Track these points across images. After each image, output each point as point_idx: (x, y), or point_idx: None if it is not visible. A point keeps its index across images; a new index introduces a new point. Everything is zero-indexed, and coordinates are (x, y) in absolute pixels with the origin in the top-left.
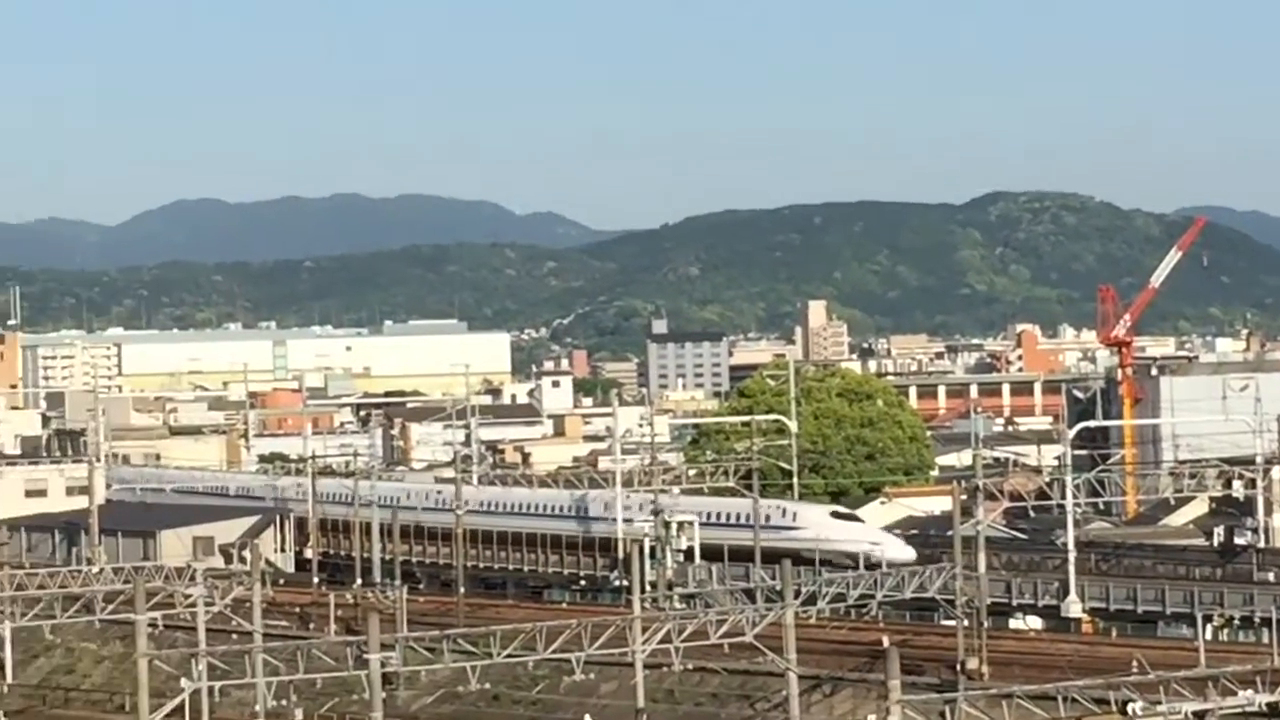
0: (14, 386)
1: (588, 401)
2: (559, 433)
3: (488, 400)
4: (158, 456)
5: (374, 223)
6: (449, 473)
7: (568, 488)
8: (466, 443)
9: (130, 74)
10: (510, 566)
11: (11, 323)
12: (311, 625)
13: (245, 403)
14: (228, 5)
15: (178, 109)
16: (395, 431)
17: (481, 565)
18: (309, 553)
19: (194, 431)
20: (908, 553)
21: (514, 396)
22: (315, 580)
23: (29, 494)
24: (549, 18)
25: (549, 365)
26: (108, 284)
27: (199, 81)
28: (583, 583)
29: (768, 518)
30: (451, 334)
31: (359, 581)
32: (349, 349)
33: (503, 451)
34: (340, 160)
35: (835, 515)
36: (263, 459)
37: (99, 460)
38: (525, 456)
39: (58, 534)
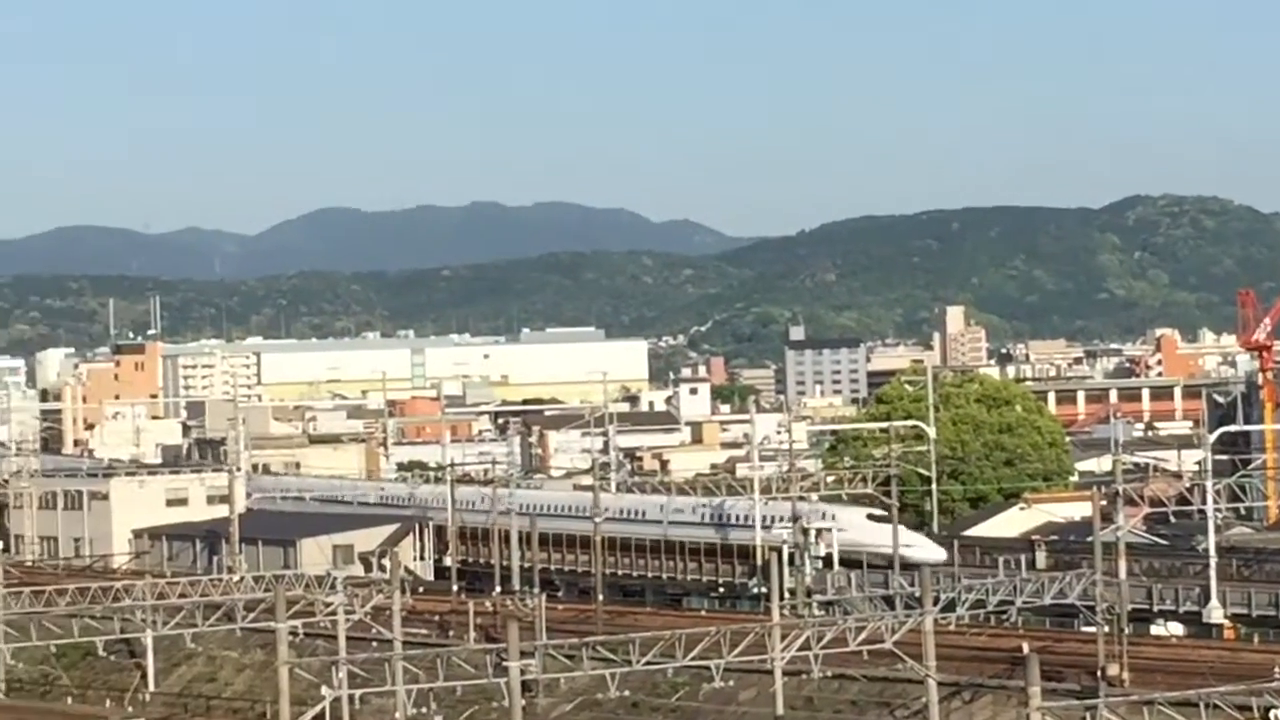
0: (154, 396)
1: (725, 408)
2: (696, 440)
3: (625, 407)
4: (297, 465)
5: (511, 231)
6: (587, 480)
7: (705, 495)
8: (604, 450)
9: (268, 85)
10: (649, 574)
11: (152, 333)
12: (451, 633)
13: (384, 411)
14: (362, 16)
15: (316, 119)
16: (533, 439)
17: (620, 573)
18: (448, 560)
19: (333, 440)
20: (937, 553)
21: (652, 404)
22: (454, 588)
23: (170, 503)
24: (685, 25)
25: (686, 372)
26: (247, 294)
27: (336, 92)
28: (721, 590)
29: (809, 520)
30: (589, 341)
31: (498, 589)
32: (487, 357)
33: (640, 459)
34: (477, 169)
35: (871, 518)
36: (401, 467)
37: (239, 469)
38: (663, 464)
39: (199, 543)
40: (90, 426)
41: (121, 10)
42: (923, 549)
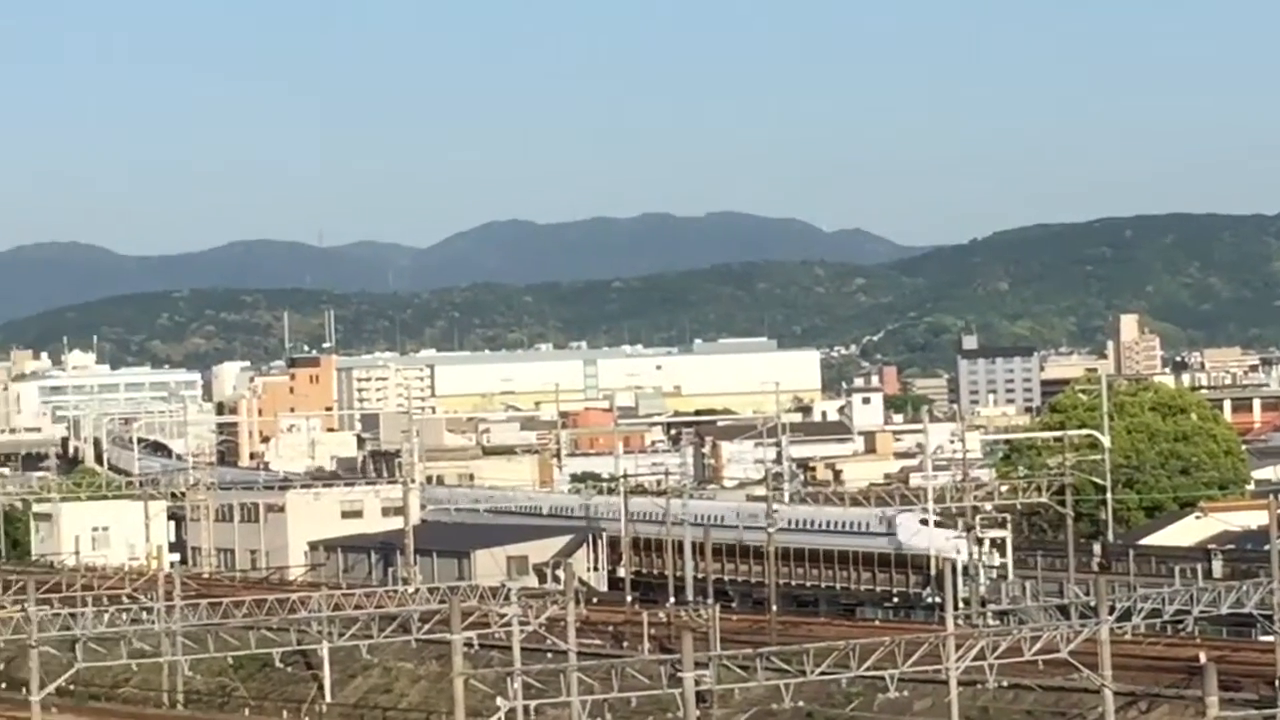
0: (329, 409)
1: (898, 418)
2: (870, 449)
3: (798, 418)
4: (471, 477)
5: (683, 242)
6: (760, 490)
7: (879, 505)
8: (777, 460)
9: (440, 99)
10: (822, 584)
11: (326, 346)
12: (625, 644)
13: (557, 422)
14: (534, 32)
15: (489, 133)
16: (706, 450)
17: (794, 583)
18: (622, 571)
19: (506, 451)
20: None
21: (824, 413)
22: (628, 599)
23: (345, 515)
24: (856, 34)
25: (859, 382)
26: (420, 306)
27: (508, 105)
28: (895, 600)
29: (868, 525)
30: (761, 352)
31: (672, 600)
32: (659, 368)
33: (813, 469)
34: (649, 180)
35: (923, 522)
36: (575, 478)
37: (413, 481)
38: (836, 473)
39: (374, 554)
40: (266, 439)
41: (297, 27)
42: (967, 551)
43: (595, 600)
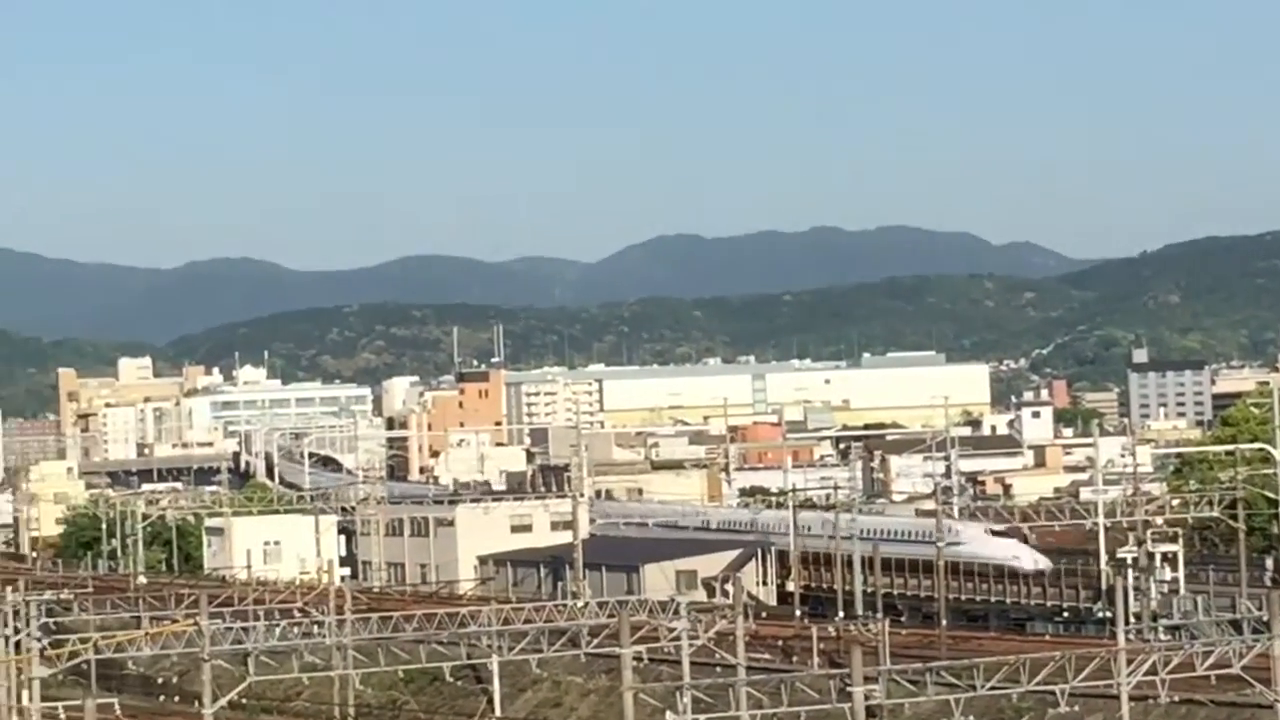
0: (498, 424)
1: (1068, 432)
2: (1039, 463)
3: (967, 432)
4: (640, 491)
5: (852, 256)
6: (929, 505)
7: (1047, 519)
8: (947, 474)
9: (606, 112)
10: (991, 599)
11: (495, 360)
12: (794, 658)
13: (725, 437)
14: (699, 48)
15: (656, 146)
16: (875, 464)
17: (963, 597)
18: (790, 585)
19: (675, 466)
20: (1042, 562)
21: (994, 427)
22: (797, 613)
23: (515, 529)
24: (1024, 49)
25: (1029, 396)
26: (588, 320)
27: (675, 119)
28: (1065, 615)
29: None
30: (930, 365)
31: (841, 614)
32: (828, 382)
33: (983, 483)
34: (818, 194)
35: (990, 532)
36: (743, 492)
37: (582, 495)
38: (1006, 488)
39: (543, 568)
40: (435, 454)
41: (466, 42)
42: (1028, 559)
43: (764, 615)
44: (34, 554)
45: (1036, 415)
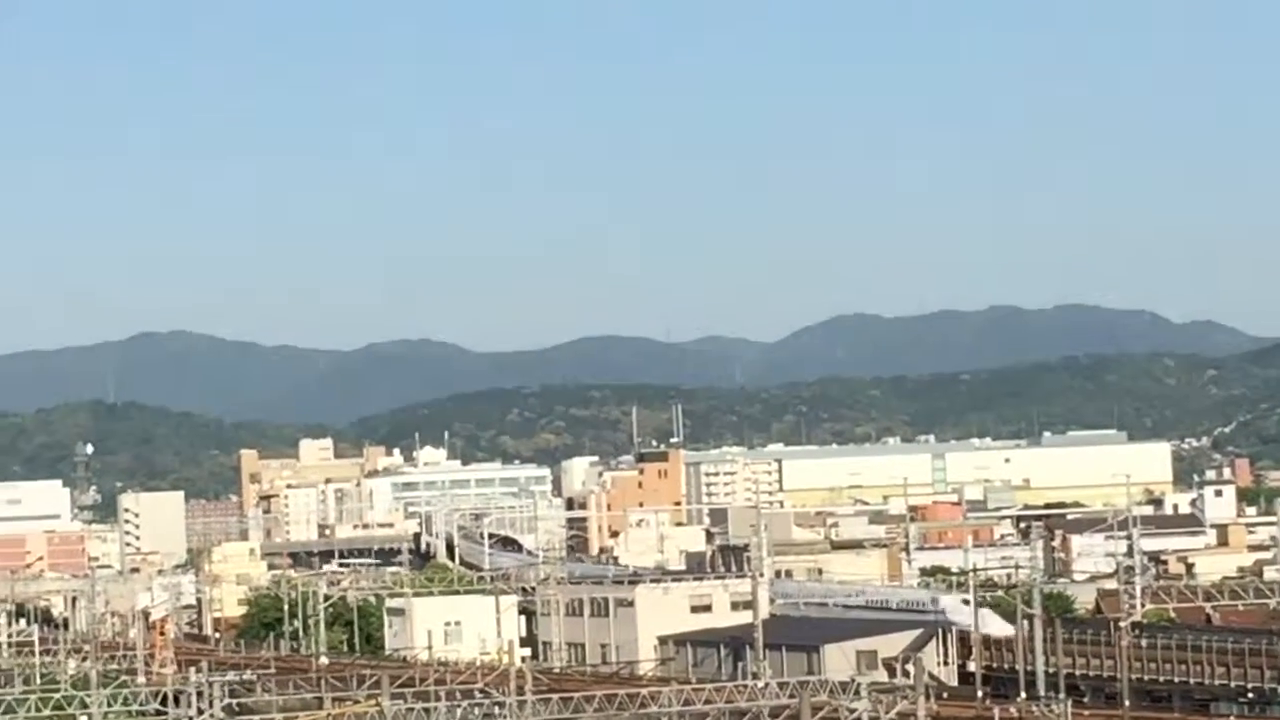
0: (678, 503)
1: (1251, 510)
2: (1222, 542)
3: (1149, 510)
4: (820, 571)
5: (1030, 334)
6: (1111, 584)
7: (1231, 598)
8: (1129, 553)
9: (785, 194)
10: (1175, 679)
11: (674, 440)
12: None
13: (905, 516)
14: (878, 129)
15: (829, 227)
16: (1056, 543)
17: (1147, 678)
18: (971, 666)
19: (855, 545)
20: (1005, 628)
21: (1176, 506)
22: (979, 694)
23: (694, 609)
24: (1198, 122)
25: (1211, 474)
26: (767, 400)
27: (848, 200)
28: (1250, 695)
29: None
30: (1112, 444)
31: (1023, 695)
32: (1008, 461)
33: (1165, 562)
34: (996, 272)
35: (964, 602)
36: (924, 572)
37: (762, 575)
38: (1188, 567)
39: (723, 649)
40: (615, 534)
41: (649, 129)
42: (994, 625)
43: (945, 695)
44: (217, 635)
45: (1219, 494)
